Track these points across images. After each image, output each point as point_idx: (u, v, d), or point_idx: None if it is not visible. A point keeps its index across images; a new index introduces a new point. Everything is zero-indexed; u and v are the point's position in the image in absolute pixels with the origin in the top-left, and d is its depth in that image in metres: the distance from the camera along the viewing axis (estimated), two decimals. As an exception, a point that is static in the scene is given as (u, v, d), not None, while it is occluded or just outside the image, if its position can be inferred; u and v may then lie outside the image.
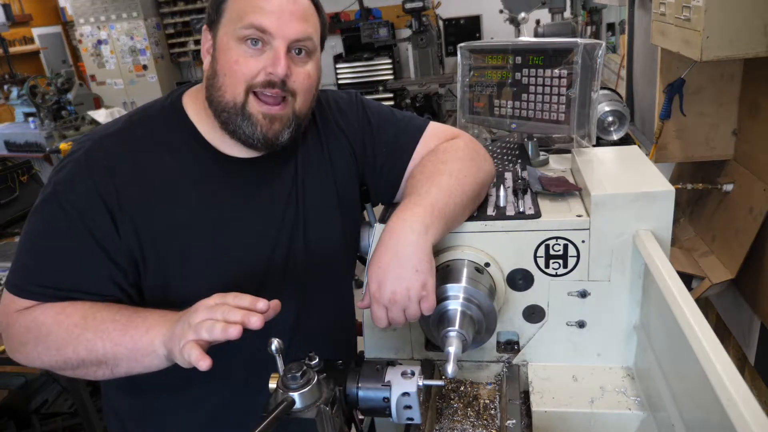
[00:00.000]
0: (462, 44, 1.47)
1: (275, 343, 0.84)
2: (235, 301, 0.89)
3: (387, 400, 0.95)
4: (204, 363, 0.84)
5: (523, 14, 3.86)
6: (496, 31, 7.22)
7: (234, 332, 0.85)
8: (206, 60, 1.10)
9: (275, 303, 0.90)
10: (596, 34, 4.86)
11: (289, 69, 1.04)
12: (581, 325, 1.19)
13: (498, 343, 1.26)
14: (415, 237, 1.01)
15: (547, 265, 1.16)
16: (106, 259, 1.04)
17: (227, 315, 0.86)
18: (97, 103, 6.16)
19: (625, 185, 1.12)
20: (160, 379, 1.01)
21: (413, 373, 0.96)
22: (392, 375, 0.96)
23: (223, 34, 1.05)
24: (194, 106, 1.14)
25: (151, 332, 0.95)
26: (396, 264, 1.00)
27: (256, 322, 0.86)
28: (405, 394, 0.95)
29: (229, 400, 1.18)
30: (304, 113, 1.11)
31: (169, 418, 1.20)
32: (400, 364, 1.00)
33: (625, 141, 1.98)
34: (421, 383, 0.95)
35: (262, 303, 0.88)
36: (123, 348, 0.96)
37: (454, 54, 1.53)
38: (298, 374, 0.85)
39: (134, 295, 1.09)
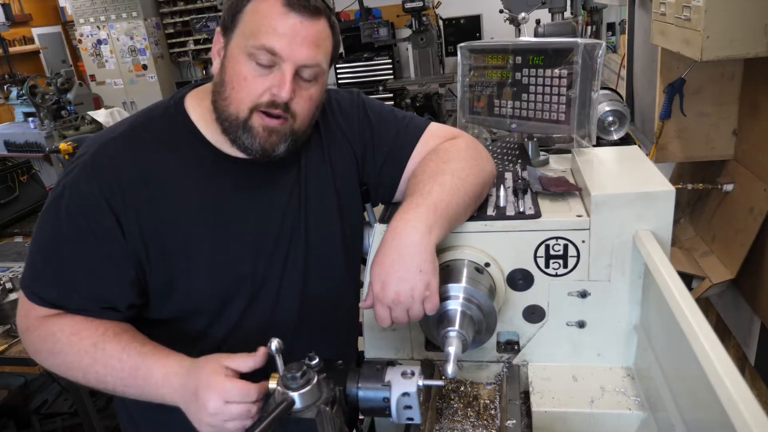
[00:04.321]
0: (462, 44, 1.47)
1: (275, 343, 0.85)
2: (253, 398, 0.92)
3: (387, 400, 0.95)
4: None
5: (523, 14, 3.86)
6: (496, 31, 7.21)
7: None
8: (216, 62, 1.11)
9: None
10: (596, 34, 4.85)
11: (293, 92, 1.05)
12: (581, 325, 1.19)
13: (498, 343, 1.26)
14: (419, 237, 1.01)
15: (547, 265, 1.16)
16: (109, 260, 1.06)
17: (250, 415, 0.91)
18: (97, 103, 6.16)
19: (625, 185, 1.12)
20: None
21: (413, 373, 0.96)
22: (392, 375, 0.96)
23: (235, 45, 1.05)
24: (197, 108, 1.14)
25: (161, 390, 0.98)
26: (399, 264, 1.00)
27: None
28: (405, 394, 0.95)
29: None
30: (302, 131, 1.12)
31: (176, 409, 1.21)
32: (400, 364, 1.00)
33: (625, 141, 1.98)
34: (421, 383, 0.95)
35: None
36: (132, 390, 1.01)
37: (454, 54, 1.53)
38: (298, 374, 0.85)
39: (136, 296, 1.10)
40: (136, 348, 1.01)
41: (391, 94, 6.76)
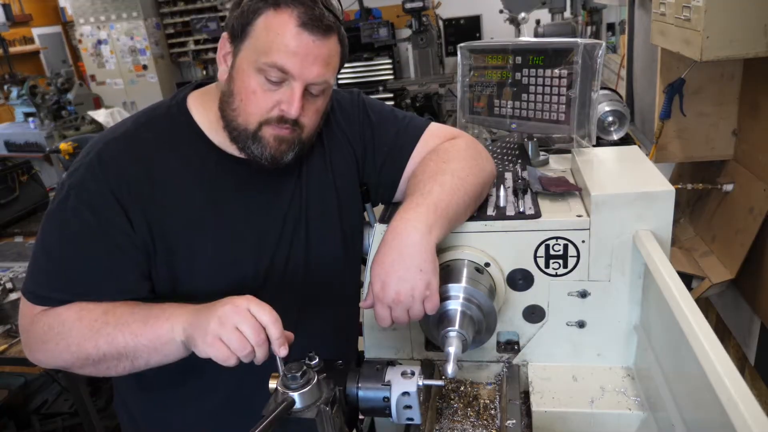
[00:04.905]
0: (462, 44, 1.47)
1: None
2: (264, 318, 0.90)
3: (387, 399, 0.95)
4: (231, 362, 0.90)
5: (523, 14, 3.87)
6: (496, 31, 7.21)
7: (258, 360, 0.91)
8: (222, 68, 1.10)
9: (291, 336, 0.93)
10: (596, 34, 4.86)
11: (302, 108, 1.05)
12: (581, 325, 1.19)
13: (498, 343, 1.26)
14: (419, 237, 1.01)
15: (547, 265, 1.16)
16: (121, 255, 1.05)
17: (257, 340, 0.89)
18: (97, 103, 6.17)
19: (625, 185, 1.12)
20: (168, 370, 1.03)
21: (413, 373, 0.96)
22: (392, 375, 0.97)
23: (244, 58, 1.05)
24: (200, 108, 1.15)
25: (171, 319, 0.96)
26: (400, 264, 1.01)
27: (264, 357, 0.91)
28: (405, 393, 0.95)
29: (235, 391, 1.19)
30: (308, 139, 1.13)
31: (177, 409, 1.21)
32: (400, 363, 1.00)
33: (625, 141, 1.98)
34: (420, 383, 0.95)
35: (284, 350, 0.91)
36: (143, 338, 0.97)
37: (454, 54, 1.53)
38: (298, 374, 0.85)
39: (148, 290, 1.10)
40: (147, 304, 1.02)
41: (392, 94, 6.76)
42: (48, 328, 1.04)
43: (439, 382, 1.04)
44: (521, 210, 1.17)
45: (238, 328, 0.88)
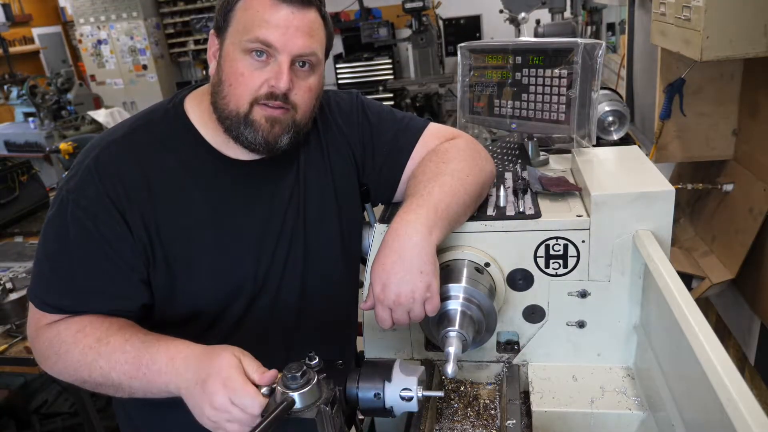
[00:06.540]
0: (462, 44, 1.47)
1: None
2: (248, 408, 0.88)
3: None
4: None
5: (523, 14, 3.86)
6: (496, 31, 7.22)
7: None
8: (212, 65, 1.11)
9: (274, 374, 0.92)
10: (596, 34, 4.86)
11: (291, 82, 1.05)
12: (581, 325, 1.19)
13: (498, 343, 1.26)
14: (419, 238, 1.01)
15: (547, 265, 1.16)
16: (120, 262, 1.05)
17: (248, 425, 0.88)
18: (97, 103, 6.17)
19: (625, 185, 1.12)
20: None
21: (411, 390, 0.96)
22: (391, 394, 0.96)
23: (230, 43, 1.06)
24: (197, 110, 1.14)
25: (164, 377, 0.95)
26: (400, 266, 1.01)
27: None
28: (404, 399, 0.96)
29: None
30: (303, 123, 1.12)
31: (174, 410, 1.20)
32: (400, 360, 1.00)
33: (625, 141, 1.97)
34: (420, 394, 0.95)
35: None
36: (137, 382, 0.97)
37: (454, 54, 1.53)
38: (298, 374, 0.85)
39: (149, 296, 1.10)
40: (139, 338, 1.00)
41: (391, 94, 6.77)
42: (49, 344, 1.04)
43: (438, 393, 1.03)
44: (521, 210, 1.17)
45: (229, 420, 0.88)
